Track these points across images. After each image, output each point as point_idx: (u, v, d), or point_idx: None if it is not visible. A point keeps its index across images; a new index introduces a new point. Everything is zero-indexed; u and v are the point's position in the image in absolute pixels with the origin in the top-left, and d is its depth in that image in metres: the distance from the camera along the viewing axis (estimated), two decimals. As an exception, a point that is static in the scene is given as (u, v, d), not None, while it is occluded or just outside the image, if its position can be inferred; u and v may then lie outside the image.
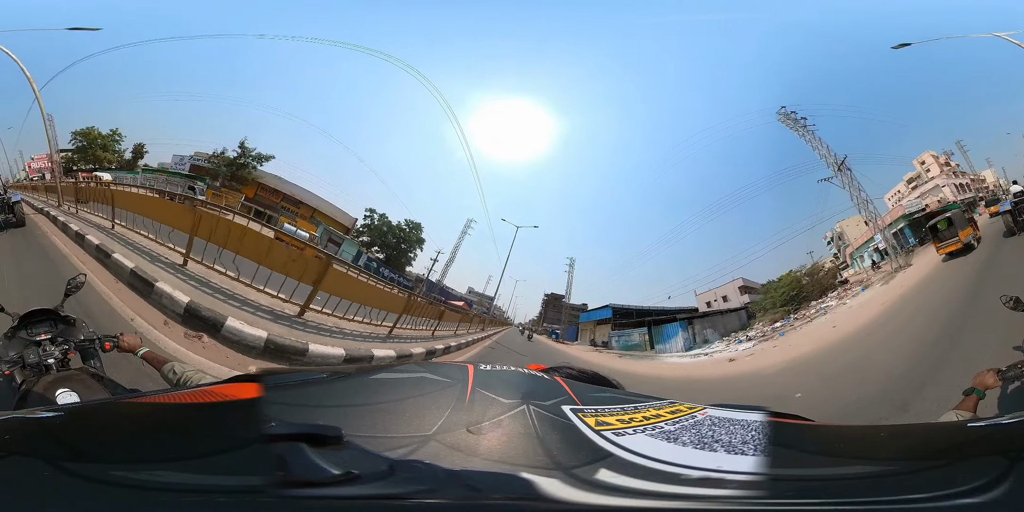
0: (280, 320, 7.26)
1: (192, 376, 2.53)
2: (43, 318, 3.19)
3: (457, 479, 0.94)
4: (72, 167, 13.10)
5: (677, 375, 9.76)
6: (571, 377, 1.60)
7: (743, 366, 9.07)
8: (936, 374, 6.27)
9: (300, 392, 1.42)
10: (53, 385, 2.57)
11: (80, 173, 13.08)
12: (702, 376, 9.37)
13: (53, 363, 2.94)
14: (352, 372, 1.66)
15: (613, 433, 1.15)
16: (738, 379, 8.86)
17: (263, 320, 7.08)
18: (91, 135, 12.99)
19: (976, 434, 1.38)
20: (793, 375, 8.33)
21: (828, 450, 1.27)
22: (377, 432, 1.11)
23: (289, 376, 1.54)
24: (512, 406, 1.23)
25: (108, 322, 5.89)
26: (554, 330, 11.45)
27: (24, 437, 1.18)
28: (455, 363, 1.58)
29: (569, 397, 1.36)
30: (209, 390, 1.62)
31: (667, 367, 9.93)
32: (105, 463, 1.05)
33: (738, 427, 1.23)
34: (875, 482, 1.07)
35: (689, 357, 9.66)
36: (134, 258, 7.83)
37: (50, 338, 3.07)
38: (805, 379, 8.04)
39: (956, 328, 7.42)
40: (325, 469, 0.92)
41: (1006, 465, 0.99)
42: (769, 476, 1.02)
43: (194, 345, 6.32)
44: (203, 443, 1.16)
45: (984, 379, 3.18)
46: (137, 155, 13.16)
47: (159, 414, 1.42)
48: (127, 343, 3.09)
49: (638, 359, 10.04)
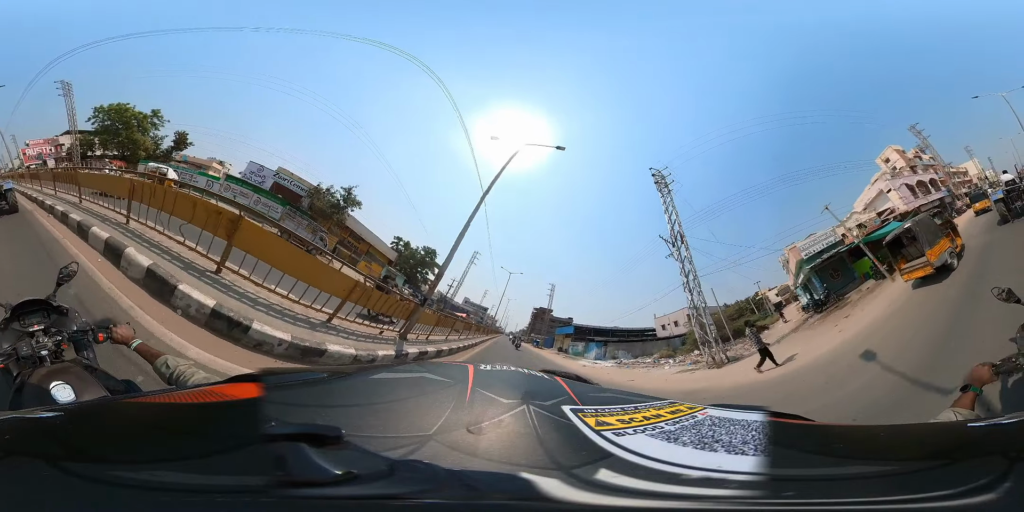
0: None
1: (186, 371, 2.51)
2: (36, 309, 3.17)
3: (457, 479, 0.94)
4: (89, 152, 10.48)
5: (572, 365, 14.01)
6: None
7: (595, 369, 13.72)
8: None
9: (300, 392, 1.42)
10: (47, 378, 2.55)
11: (109, 160, 10.40)
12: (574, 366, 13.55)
13: (47, 355, 2.90)
14: (352, 372, 1.66)
15: (613, 433, 1.15)
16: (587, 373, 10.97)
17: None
18: (125, 113, 10.39)
19: (976, 434, 1.37)
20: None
21: (828, 450, 1.27)
22: (377, 432, 1.10)
23: (289, 376, 1.54)
24: (512, 406, 1.23)
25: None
26: (536, 340, 15.69)
27: (24, 437, 1.18)
28: (455, 363, 1.58)
29: (569, 397, 1.36)
30: (209, 390, 1.62)
31: (575, 364, 14.27)
32: (105, 463, 1.05)
33: (738, 427, 1.23)
34: (875, 482, 1.06)
35: (589, 360, 14.67)
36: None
37: (43, 329, 3.04)
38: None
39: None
40: (325, 469, 0.92)
41: (1006, 465, 0.98)
42: (769, 476, 1.02)
43: (193, 340, 6.33)
44: (203, 443, 1.16)
45: (979, 375, 3.13)
46: (179, 144, 11.16)
47: (159, 414, 1.42)
48: (120, 334, 3.04)
49: (570, 360, 14.74)
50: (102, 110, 10.72)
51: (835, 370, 8.94)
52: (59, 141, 10.76)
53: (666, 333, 13.67)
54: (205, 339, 6.55)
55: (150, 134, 11.07)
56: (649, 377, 12.89)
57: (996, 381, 3.28)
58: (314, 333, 8.11)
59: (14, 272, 6.60)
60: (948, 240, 9.47)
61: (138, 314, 6.33)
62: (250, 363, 6.20)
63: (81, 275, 4.34)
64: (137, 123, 10.88)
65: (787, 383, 9.54)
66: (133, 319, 6.09)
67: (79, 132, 10.59)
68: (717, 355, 11.70)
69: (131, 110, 10.82)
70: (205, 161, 11.73)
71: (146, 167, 10.65)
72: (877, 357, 8.26)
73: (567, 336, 15.41)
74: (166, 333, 6.21)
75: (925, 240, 9.19)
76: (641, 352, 14.04)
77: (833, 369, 9.06)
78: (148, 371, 2.77)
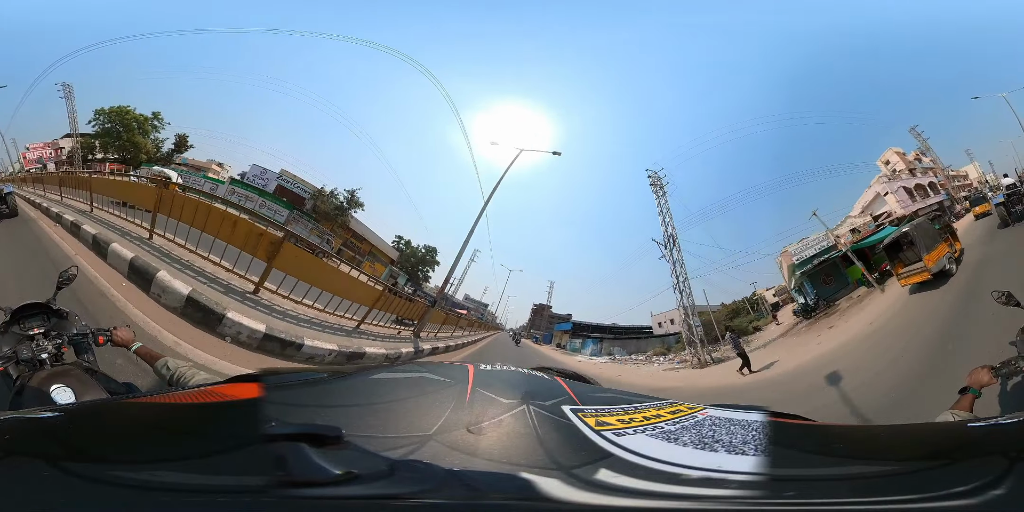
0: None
1: (186, 372, 2.51)
2: (36, 312, 3.17)
3: (457, 479, 0.94)
4: (90, 155, 10.39)
5: (568, 361, 14.46)
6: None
7: (588, 365, 14.11)
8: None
9: (300, 392, 1.42)
10: (48, 381, 2.55)
11: (108, 163, 10.22)
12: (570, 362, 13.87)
13: (47, 358, 2.91)
14: (352, 372, 1.66)
15: (613, 433, 1.15)
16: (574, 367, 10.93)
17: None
18: (126, 116, 10.29)
19: (976, 434, 1.37)
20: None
21: (828, 450, 1.27)
22: (377, 432, 1.10)
23: (289, 376, 1.54)
24: (512, 406, 1.23)
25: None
26: (535, 336, 15.99)
27: (24, 437, 1.18)
28: (455, 363, 1.58)
29: (569, 397, 1.36)
30: (209, 390, 1.62)
31: (571, 360, 14.75)
32: (105, 463, 1.05)
33: (738, 427, 1.23)
34: (875, 482, 1.06)
35: (585, 356, 15.09)
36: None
37: (43, 332, 3.04)
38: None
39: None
40: (325, 469, 0.92)
41: (1006, 465, 0.98)
42: (769, 476, 1.02)
43: (192, 340, 6.31)
44: (203, 443, 1.16)
45: (979, 377, 3.13)
46: (179, 147, 11.08)
47: (159, 414, 1.42)
48: (120, 337, 3.05)
49: (567, 355, 15.25)
50: (103, 113, 10.60)
51: (797, 387, 8.85)
52: (59, 144, 10.66)
53: (662, 330, 13.98)
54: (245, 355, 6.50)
55: (151, 137, 10.97)
56: (637, 373, 13.23)
57: (995, 384, 3.28)
58: (351, 339, 8.67)
59: (14, 275, 6.57)
60: (947, 245, 9.30)
61: (185, 349, 6.03)
62: (251, 363, 6.18)
63: (106, 306, 4.22)
64: (138, 126, 10.75)
65: (749, 393, 9.60)
66: (182, 355, 5.80)
67: (80, 135, 10.46)
68: (702, 356, 11.73)
69: (132, 112, 10.69)
70: (204, 163, 11.63)
71: (149, 171, 10.53)
72: (841, 383, 8.04)
73: (565, 332, 15.67)
74: (167, 335, 6.16)
75: (922, 245, 9.00)
76: (636, 349, 14.41)
77: (796, 385, 8.99)
78: (149, 373, 2.77)
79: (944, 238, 9.41)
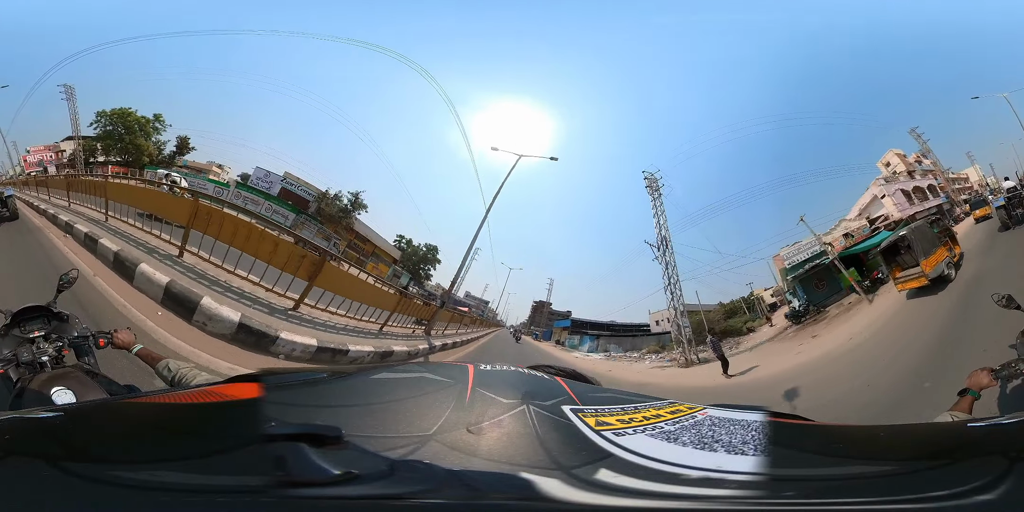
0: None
1: (187, 373, 2.51)
2: (36, 315, 3.17)
3: (457, 479, 0.94)
4: (91, 158, 10.14)
5: (566, 357, 15.01)
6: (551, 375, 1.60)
7: (583, 361, 14.44)
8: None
9: (300, 392, 1.42)
10: (48, 383, 2.55)
11: (111, 166, 9.99)
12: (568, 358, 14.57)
13: (47, 361, 2.91)
14: (352, 372, 1.66)
15: (613, 433, 1.15)
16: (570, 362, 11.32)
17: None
18: (128, 118, 10.05)
19: (976, 434, 1.37)
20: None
21: (828, 450, 1.27)
22: (377, 432, 1.10)
23: (289, 376, 1.54)
24: (512, 406, 1.23)
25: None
26: (535, 332, 16.13)
27: (24, 437, 1.18)
28: (455, 363, 1.58)
29: (569, 397, 1.36)
30: (209, 390, 1.62)
31: (569, 356, 15.08)
32: (105, 463, 1.05)
33: (738, 427, 1.23)
34: (875, 482, 1.06)
35: (582, 353, 15.30)
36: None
37: (44, 335, 3.04)
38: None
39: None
40: (325, 469, 0.92)
41: (1006, 465, 0.98)
42: (769, 476, 1.02)
43: (194, 341, 6.31)
44: (203, 443, 1.16)
45: (978, 379, 3.12)
46: (182, 149, 10.91)
47: (159, 414, 1.42)
48: (121, 340, 3.05)
49: (565, 352, 15.41)
50: (104, 114, 10.49)
51: (767, 396, 8.73)
52: (60, 147, 10.55)
53: (659, 329, 14.15)
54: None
55: (152, 139, 10.87)
56: (627, 369, 13.57)
57: (995, 386, 3.28)
58: (380, 341, 9.34)
59: (14, 278, 6.54)
60: (946, 249, 9.08)
61: (187, 351, 5.93)
62: (251, 363, 6.18)
63: (106, 308, 3.96)
64: (139, 127, 10.62)
65: (720, 395, 9.60)
66: (183, 356, 5.66)
67: (82, 138, 10.33)
68: (688, 356, 11.79)
69: (133, 114, 10.57)
70: (204, 165, 11.60)
71: (155, 174, 10.43)
72: (795, 400, 7.89)
73: (564, 329, 15.98)
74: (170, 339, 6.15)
75: (920, 249, 8.72)
76: (631, 347, 14.63)
77: (767, 394, 8.88)
78: (151, 375, 2.77)
79: (943, 242, 9.23)
